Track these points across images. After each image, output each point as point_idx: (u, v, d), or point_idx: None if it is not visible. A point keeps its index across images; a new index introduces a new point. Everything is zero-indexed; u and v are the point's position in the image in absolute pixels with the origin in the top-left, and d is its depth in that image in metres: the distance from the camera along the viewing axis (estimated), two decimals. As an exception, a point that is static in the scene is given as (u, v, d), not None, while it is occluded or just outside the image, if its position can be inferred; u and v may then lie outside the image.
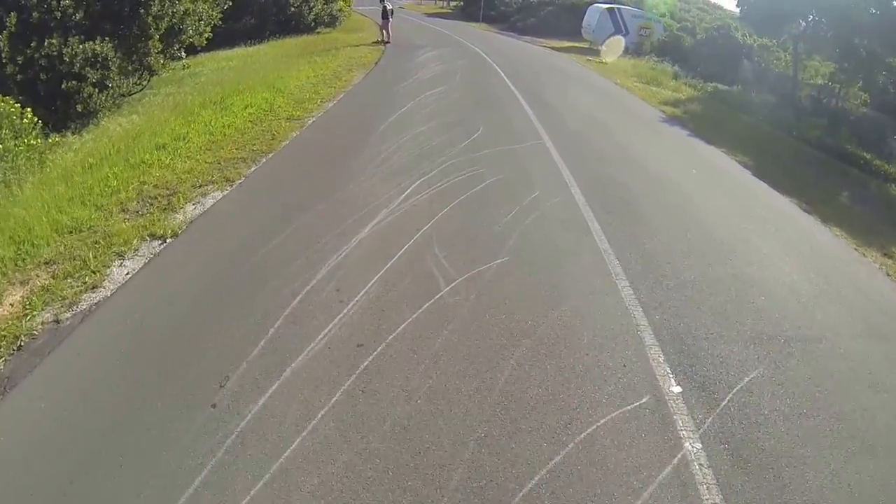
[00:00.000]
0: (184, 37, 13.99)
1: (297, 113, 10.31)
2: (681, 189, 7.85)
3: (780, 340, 4.57)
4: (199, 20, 14.48)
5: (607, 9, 28.44)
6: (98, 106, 11.31)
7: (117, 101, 12.45)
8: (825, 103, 22.38)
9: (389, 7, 21.93)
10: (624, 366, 4.01)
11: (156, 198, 6.52)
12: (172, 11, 13.05)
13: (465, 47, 22.28)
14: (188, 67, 15.21)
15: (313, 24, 25.69)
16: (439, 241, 5.38)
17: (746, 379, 4.06)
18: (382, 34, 21.62)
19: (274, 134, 8.94)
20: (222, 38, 21.46)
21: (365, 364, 3.81)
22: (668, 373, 4.00)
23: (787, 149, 13.49)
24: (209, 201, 6.47)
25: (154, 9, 12.44)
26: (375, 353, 3.91)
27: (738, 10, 23.48)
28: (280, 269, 4.86)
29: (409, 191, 6.55)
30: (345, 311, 4.33)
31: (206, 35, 14.83)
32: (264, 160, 7.77)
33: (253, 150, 8.18)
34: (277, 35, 22.93)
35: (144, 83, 13.82)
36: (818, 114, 20.04)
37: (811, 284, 5.61)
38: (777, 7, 21.50)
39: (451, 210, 6.09)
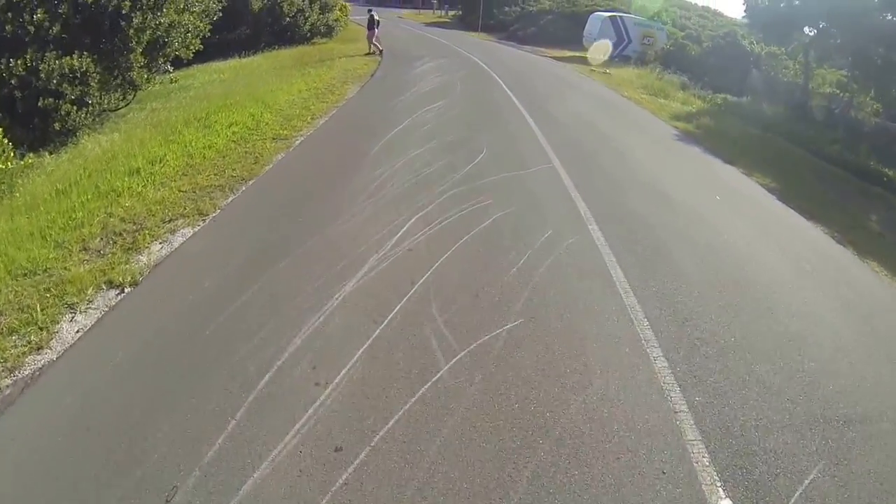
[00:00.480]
0: (169, 50, 13.23)
1: (285, 132, 9.54)
2: (706, 221, 7.06)
3: (838, 422, 3.78)
4: (186, 32, 13.72)
5: (609, 17, 27.78)
6: (77, 124, 10.56)
7: (99, 118, 11.71)
8: (837, 113, 21.64)
9: (376, 17, 21.27)
10: (663, 472, 3.21)
11: (121, 234, 5.75)
12: (156, 24, 12.31)
13: (464, 58, 21.57)
14: (176, 81, 14.43)
15: (309, 34, 25.00)
16: (438, 298, 4.58)
17: (806, 481, 3.27)
18: (370, 46, 20.92)
19: (257, 157, 8.17)
20: (216, 49, 20.81)
21: (343, 478, 3.01)
22: (715, 480, 3.21)
23: (807, 167, 12.72)
24: (177, 239, 5.69)
25: (136, 21, 11.69)
26: (357, 461, 3.10)
27: (742, 17, 22.89)
28: (247, 336, 4.06)
29: (403, 230, 5.76)
30: (322, 397, 3.53)
31: (193, 48, 14.06)
32: (243, 189, 6.98)
33: (232, 176, 7.40)
34: (273, 46, 22.26)
35: (130, 98, 13.08)
36: (832, 125, 19.28)
37: (860, 341, 4.83)
38: (786, 14, 20.81)
39: (453, 256, 5.29)
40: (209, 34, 20.72)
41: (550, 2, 38.16)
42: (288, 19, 23.97)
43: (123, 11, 11.51)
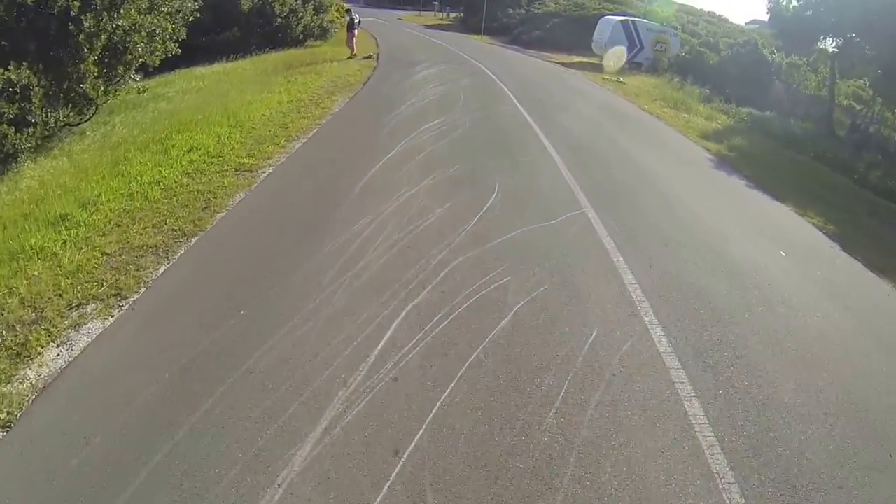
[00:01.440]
0: (130, 57, 11.34)
1: (252, 160, 7.73)
2: (782, 295, 5.30)
3: None
4: (152, 36, 11.88)
5: (621, 21, 25.94)
6: (17, 147, 8.69)
7: (49, 139, 9.92)
8: (863, 129, 19.92)
9: (357, 19, 19.51)
10: None
11: (12, 327, 3.99)
12: (113, 27, 10.47)
13: (467, 63, 19.75)
14: (144, 90, 12.61)
15: (301, 36, 23.16)
16: (438, 487, 2.80)
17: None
18: (352, 49, 19.17)
19: (210, 198, 6.36)
20: (205, 52, 19.21)
21: None
22: None
23: (857, 200, 10.94)
24: (81, 340, 3.93)
25: (87, 25, 9.87)
26: None
27: (747, 23, 21.11)
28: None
29: (386, 338, 3.95)
30: None
31: (160, 54, 12.21)
32: (181, 252, 5.18)
33: (173, 229, 5.60)
34: (263, 49, 20.51)
35: (90, 113, 11.28)
36: (861, 144, 17.53)
37: None
38: (812, 22, 19.05)
39: (456, 394, 3.49)
40: (192, 37, 19.14)
41: (556, 5, 36.28)
42: (279, 20, 22.18)
43: (72, 13, 9.70)
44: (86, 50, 10.02)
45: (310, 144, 8.65)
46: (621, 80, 20.03)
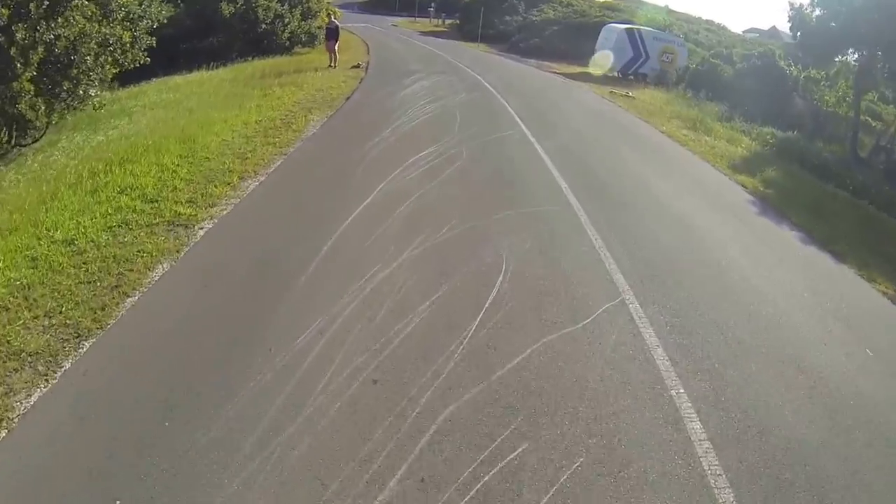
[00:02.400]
0: (77, 71, 9.48)
1: (191, 209, 5.92)
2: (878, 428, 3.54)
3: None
4: (104, 46, 10.05)
5: (626, 30, 24.20)
6: None
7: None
8: (887, 149, 18.26)
9: (338, 25, 17.78)
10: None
11: None
12: (53, 37, 8.64)
13: (463, 74, 17.93)
14: (101, 107, 10.80)
15: (288, 43, 21.33)
16: None
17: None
18: (332, 58, 17.37)
19: (125, 271, 4.57)
20: (186, 59, 17.27)
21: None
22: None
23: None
24: None
25: (20, 36, 8.08)
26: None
27: (744, 31, 19.42)
28: None
29: None
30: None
31: (109, 68, 10.40)
32: (65, 368, 3.41)
33: (66, 323, 3.88)
34: (247, 56, 18.71)
35: (37, 135, 9.54)
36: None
37: None
38: (842, 34, 17.35)
39: None
40: (172, 43, 17.55)
41: (555, 12, 34.48)
42: (264, 26, 20.42)
43: (1, 22, 7.91)
44: (19, 65, 8.23)
45: (267, 185, 6.83)
46: (630, 94, 18.28)
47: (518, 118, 11.87)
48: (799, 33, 17.99)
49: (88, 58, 9.62)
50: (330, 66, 17.16)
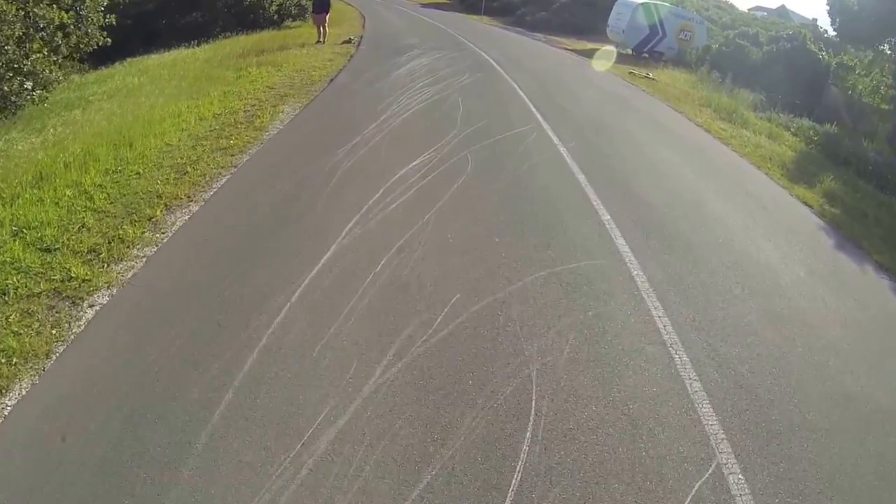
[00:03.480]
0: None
1: (86, 270, 3.96)
2: None
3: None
4: (35, 31, 7.97)
5: (642, 5, 21.59)
6: None
7: None
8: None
9: None
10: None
11: None
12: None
13: (467, 51, 15.55)
14: (42, 102, 8.69)
15: (276, 16, 18.82)
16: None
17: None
18: (320, 33, 14.94)
19: None
20: (168, 35, 15.43)
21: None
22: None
23: None
24: None
25: None
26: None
27: (759, 13, 17.10)
28: None
29: None
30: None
31: (44, 56, 8.30)
32: None
33: None
34: (233, 31, 16.39)
35: None
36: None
37: None
38: (885, 17, 15.04)
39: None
40: (151, 21, 15.54)
41: (564, -18, 31.55)
42: (249, 0, 17.86)
43: None
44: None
45: (197, 222, 4.76)
46: (650, 75, 15.98)
47: (532, 107, 9.71)
48: (838, 19, 15.61)
49: (8, 47, 7.54)
50: (318, 41, 14.78)
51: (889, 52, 17.20)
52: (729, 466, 2.77)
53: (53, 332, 3.33)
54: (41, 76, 8.39)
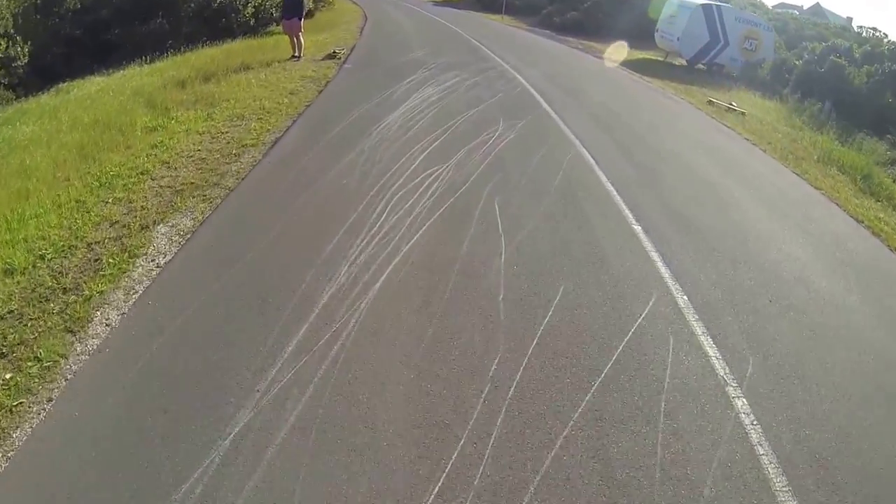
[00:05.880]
0: None
1: None
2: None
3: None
4: None
5: (702, 6, 17.12)
6: None
7: None
8: None
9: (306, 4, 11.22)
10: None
11: None
12: None
13: (494, 71, 11.27)
14: None
15: (253, 21, 14.75)
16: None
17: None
18: (292, 42, 10.83)
19: None
20: (126, 47, 12.26)
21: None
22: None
23: None
24: None
25: None
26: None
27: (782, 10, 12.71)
28: None
29: None
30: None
31: None
32: None
33: None
34: (201, 40, 12.64)
35: None
36: None
37: None
38: None
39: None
40: (102, 30, 12.37)
41: (597, -22, 26.86)
42: (219, 1, 13.76)
43: None
44: None
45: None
46: (733, 104, 11.67)
47: (608, 182, 5.62)
48: None
49: None
50: (293, 55, 10.71)
51: None
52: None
53: None
54: None
